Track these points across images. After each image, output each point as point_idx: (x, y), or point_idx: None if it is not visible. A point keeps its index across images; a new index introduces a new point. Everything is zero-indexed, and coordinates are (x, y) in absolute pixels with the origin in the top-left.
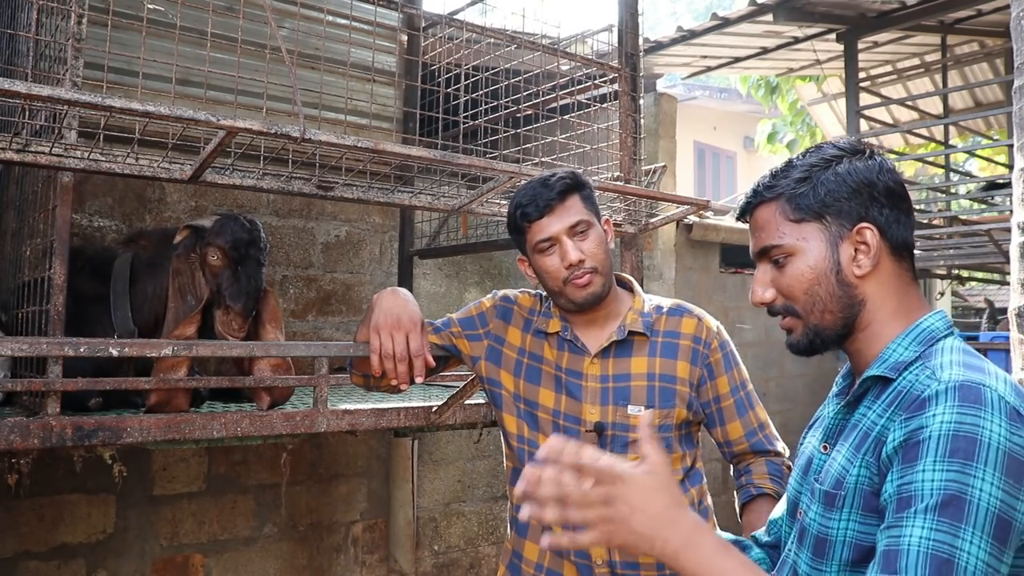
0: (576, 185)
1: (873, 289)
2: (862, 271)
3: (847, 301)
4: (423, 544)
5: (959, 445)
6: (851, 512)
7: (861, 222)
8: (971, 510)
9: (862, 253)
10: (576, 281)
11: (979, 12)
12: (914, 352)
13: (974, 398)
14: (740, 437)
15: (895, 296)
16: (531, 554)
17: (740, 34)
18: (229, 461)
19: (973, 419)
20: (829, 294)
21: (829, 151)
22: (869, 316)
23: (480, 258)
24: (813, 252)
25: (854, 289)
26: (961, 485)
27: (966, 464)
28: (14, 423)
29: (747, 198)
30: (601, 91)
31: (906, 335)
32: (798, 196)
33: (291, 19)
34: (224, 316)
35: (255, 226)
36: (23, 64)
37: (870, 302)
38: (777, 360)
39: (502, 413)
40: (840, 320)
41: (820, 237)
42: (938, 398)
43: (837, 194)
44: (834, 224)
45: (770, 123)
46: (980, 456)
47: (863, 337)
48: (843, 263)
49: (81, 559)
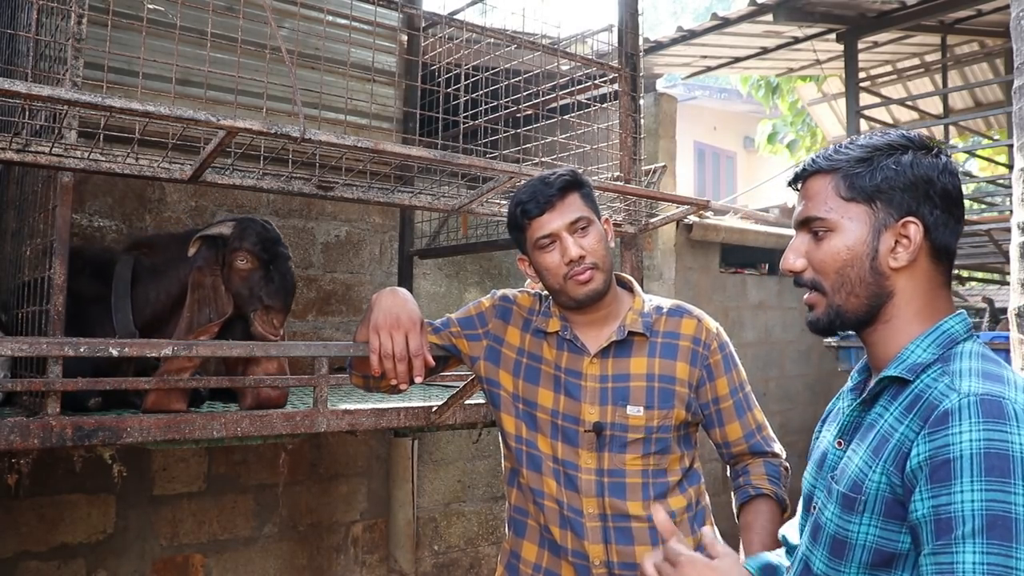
0: (576, 183)
1: (904, 284)
2: (897, 264)
3: (875, 289)
4: (423, 544)
5: (993, 463)
6: (872, 517)
7: (909, 216)
8: (1018, 527)
9: (902, 246)
10: (577, 277)
11: (979, 12)
12: (933, 354)
13: (997, 412)
14: (739, 438)
15: (924, 296)
16: (529, 554)
17: (740, 34)
18: (229, 461)
19: (1001, 435)
20: (859, 278)
21: (897, 139)
22: (893, 310)
23: (480, 258)
24: (854, 233)
25: (885, 279)
26: (1004, 504)
27: (1004, 482)
28: (14, 423)
29: (804, 164)
30: (601, 91)
31: (926, 336)
32: (854, 175)
33: (291, 19)
34: (264, 316)
35: (271, 224)
36: (23, 64)
37: (898, 296)
38: (777, 360)
39: (501, 413)
40: (865, 306)
41: (865, 220)
42: (960, 413)
43: (893, 182)
44: (882, 211)
45: (770, 123)
46: (1016, 472)
47: (883, 329)
48: (881, 251)
49: (81, 559)
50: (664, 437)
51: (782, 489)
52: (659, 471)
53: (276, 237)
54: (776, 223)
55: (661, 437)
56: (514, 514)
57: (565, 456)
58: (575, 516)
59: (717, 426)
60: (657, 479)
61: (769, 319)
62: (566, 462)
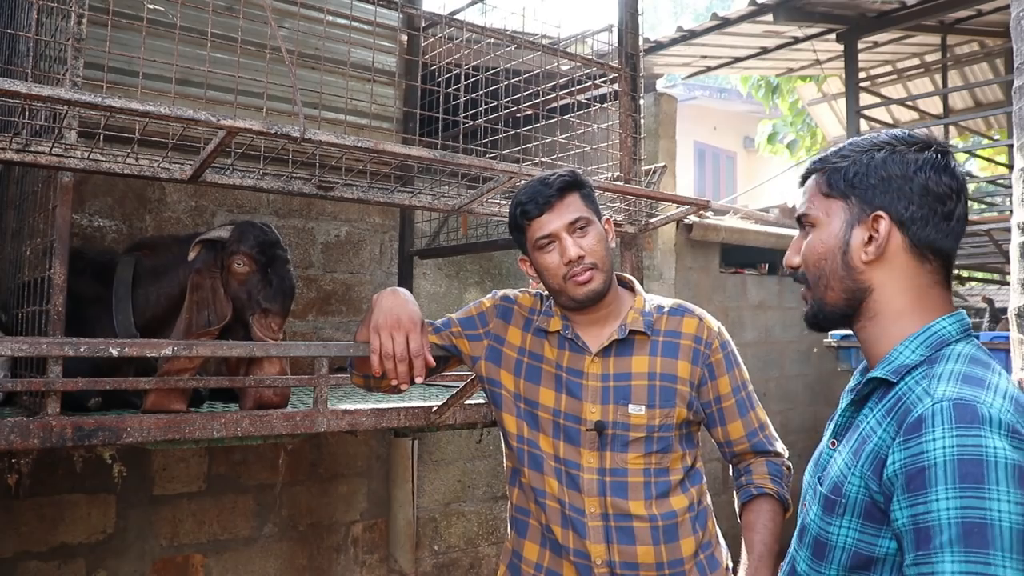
0: (575, 183)
1: (882, 280)
2: (868, 258)
3: (850, 284)
4: (423, 544)
5: (967, 470)
6: (851, 520)
7: (880, 211)
8: (995, 533)
9: (873, 241)
10: (576, 278)
11: (979, 12)
12: (920, 356)
13: (970, 417)
14: (741, 437)
15: (909, 294)
16: (531, 554)
17: (740, 34)
18: (229, 461)
19: (975, 439)
20: (833, 271)
21: (884, 138)
22: (875, 306)
23: (480, 258)
24: (829, 228)
25: (858, 273)
26: (979, 511)
27: (978, 488)
28: (14, 423)
29: (806, 165)
30: (601, 91)
31: (915, 337)
32: (832, 172)
33: (291, 19)
34: (262, 319)
35: (271, 228)
36: (23, 64)
37: (877, 292)
38: (777, 360)
39: (502, 413)
40: (842, 300)
41: (841, 216)
42: (933, 419)
43: (865, 179)
44: (856, 207)
45: (770, 123)
46: (990, 477)
47: (870, 327)
48: (852, 245)
49: (81, 559)
50: (666, 436)
51: (784, 489)
52: (661, 470)
53: (275, 241)
54: (776, 223)
55: (663, 436)
56: (516, 514)
57: (567, 455)
58: (577, 516)
59: (719, 425)
60: (659, 478)
61: (769, 319)
62: (568, 461)
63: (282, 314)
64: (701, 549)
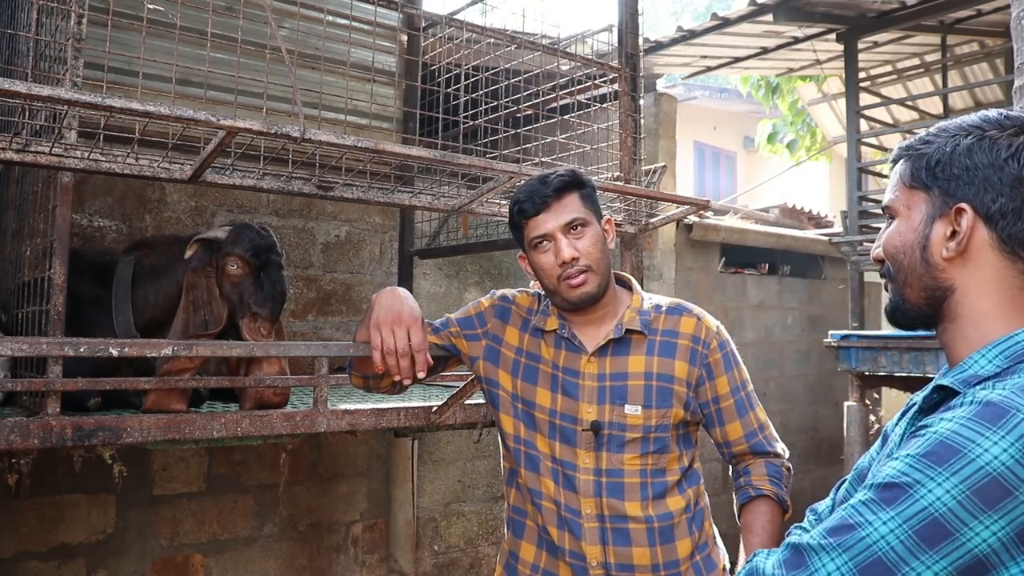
0: (575, 183)
1: (965, 279)
2: (948, 254)
3: (929, 282)
4: (423, 544)
5: (937, 450)
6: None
7: (963, 202)
8: (906, 501)
9: (955, 236)
10: (569, 280)
11: (979, 12)
12: (995, 367)
13: (991, 416)
14: (740, 438)
15: (996, 297)
16: (527, 555)
17: (740, 34)
18: (229, 461)
19: (972, 434)
20: (911, 267)
21: (971, 121)
22: (957, 307)
23: (480, 258)
24: (909, 221)
25: (937, 271)
26: (913, 481)
27: (930, 467)
28: (14, 423)
29: (895, 151)
30: (601, 91)
31: (995, 345)
32: (915, 160)
33: (291, 19)
34: (251, 323)
35: (269, 231)
36: (23, 64)
37: (959, 292)
38: (777, 360)
39: (500, 413)
40: (922, 299)
41: (922, 208)
42: (961, 407)
43: (948, 168)
44: (938, 199)
45: (770, 123)
46: (952, 466)
47: (952, 329)
48: (932, 240)
49: (81, 559)
50: (662, 436)
51: (783, 490)
52: (657, 471)
53: (270, 245)
54: (776, 223)
55: (659, 436)
56: (513, 514)
57: (563, 456)
58: (573, 517)
59: (717, 425)
60: (655, 479)
61: (769, 319)
62: (564, 462)
63: (271, 319)
64: (697, 550)
